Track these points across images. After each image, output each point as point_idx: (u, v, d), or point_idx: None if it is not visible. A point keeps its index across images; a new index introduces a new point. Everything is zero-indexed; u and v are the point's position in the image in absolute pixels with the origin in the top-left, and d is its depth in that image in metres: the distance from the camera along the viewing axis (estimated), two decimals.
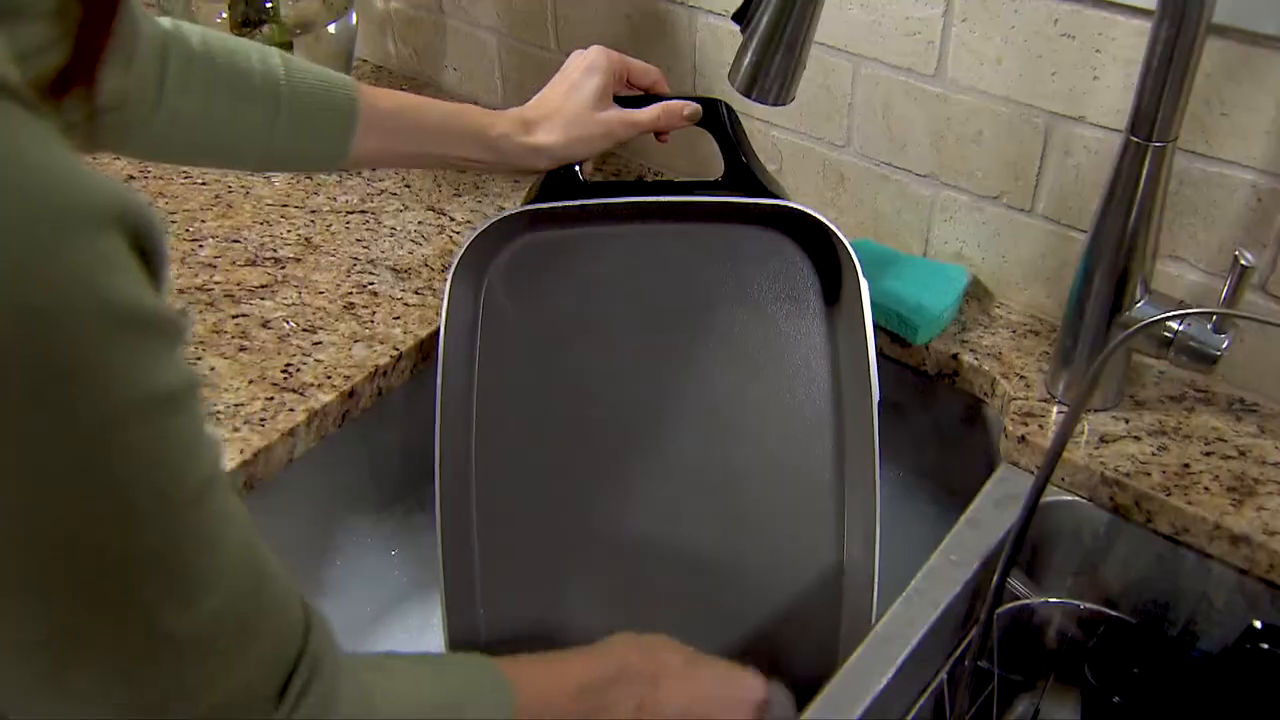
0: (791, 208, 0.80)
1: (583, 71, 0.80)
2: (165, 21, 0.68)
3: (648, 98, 0.84)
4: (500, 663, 0.58)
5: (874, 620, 0.76)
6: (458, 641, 0.79)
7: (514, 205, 0.82)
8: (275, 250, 0.98)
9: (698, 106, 0.84)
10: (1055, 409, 0.81)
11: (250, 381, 0.83)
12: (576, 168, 0.82)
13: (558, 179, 0.81)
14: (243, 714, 0.40)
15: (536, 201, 0.81)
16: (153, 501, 0.34)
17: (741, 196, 0.81)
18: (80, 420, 0.30)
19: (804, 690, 0.72)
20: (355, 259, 0.97)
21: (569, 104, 0.80)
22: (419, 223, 1.02)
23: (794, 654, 0.81)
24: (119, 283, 0.31)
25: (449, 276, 0.79)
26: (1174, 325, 0.72)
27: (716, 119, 0.84)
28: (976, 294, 0.92)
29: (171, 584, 0.35)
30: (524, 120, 0.79)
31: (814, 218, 0.80)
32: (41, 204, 0.29)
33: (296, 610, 0.44)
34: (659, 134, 0.84)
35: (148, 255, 0.34)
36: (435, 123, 0.77)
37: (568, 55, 0.83)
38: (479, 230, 0.80)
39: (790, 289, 0.84)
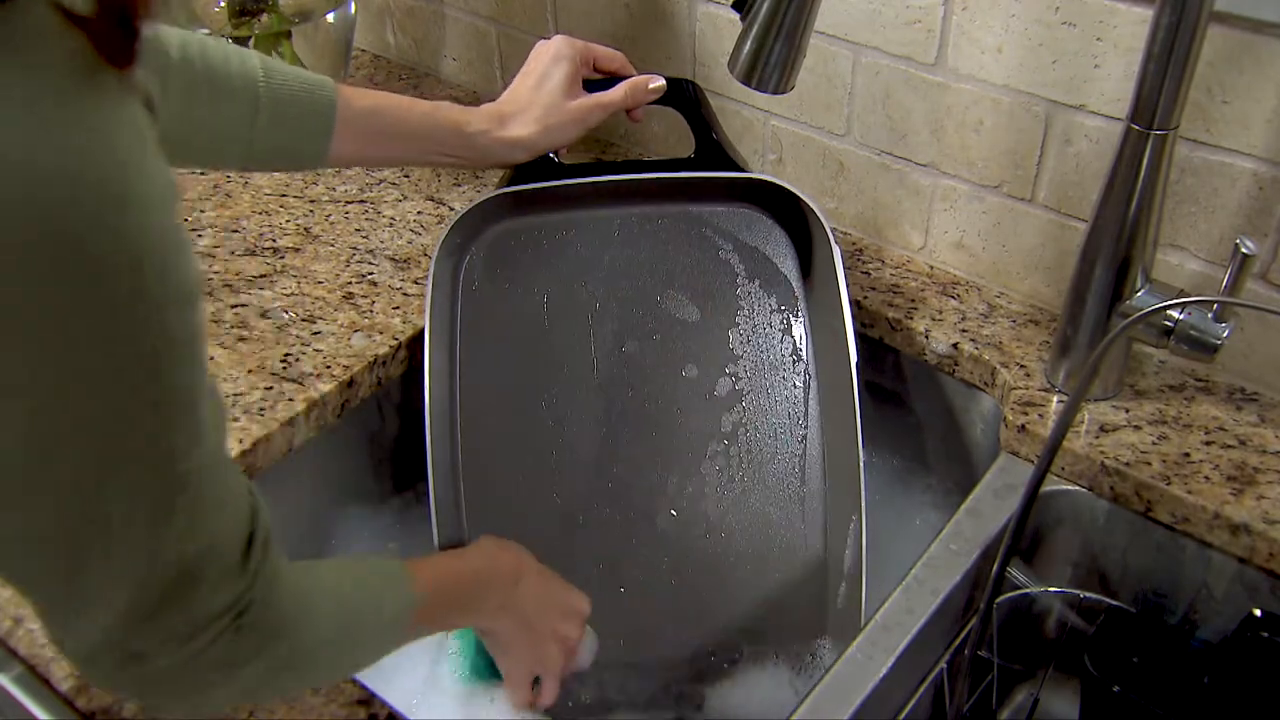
0: (763, 180, 0.81)
1: (550, 61, 0.81)
2: None
3: (615, 81, 0.84)
4: (404, 562, 0.65)
5: (863, 607, 0.76)
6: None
7: None
8: (274, 240, 0.98)
9: (663, 81, 0.84)
10: (1055, 398, 0.81)
11: (249, 371, 0.83)
12: (551, 153, 0.82)
13: (531, 163, 0.82)
14: (225, 558, 0.46)
15: (511, 184, 0.82)
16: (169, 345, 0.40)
17: (713, 172, 0.82)
18: (139, 294, 0.39)
19: (791, 678, 0.72)
20: (354, 249, 0.97)
21: (540, 95, 0.80)
22: (418, 212, 1.02)
23: (780, 637, 0.81)
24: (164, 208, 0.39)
25: (431, 264, 0.80)
26: (1175, 314, 0.72)
27: (683, 97, 0.85)
28: (975, 284, 0.92)
29: (190, 421, 0.42)
30: (499, 115, 0.80)
31: (785, 189, 0.80)
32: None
33: (244, 484, 0.49)
34: (630, 113, 0.84)
35: None
36: (412, 123, 0.77)
37: None
38: (457, 217, 0.81)
39: (766, 261, 0.85)
